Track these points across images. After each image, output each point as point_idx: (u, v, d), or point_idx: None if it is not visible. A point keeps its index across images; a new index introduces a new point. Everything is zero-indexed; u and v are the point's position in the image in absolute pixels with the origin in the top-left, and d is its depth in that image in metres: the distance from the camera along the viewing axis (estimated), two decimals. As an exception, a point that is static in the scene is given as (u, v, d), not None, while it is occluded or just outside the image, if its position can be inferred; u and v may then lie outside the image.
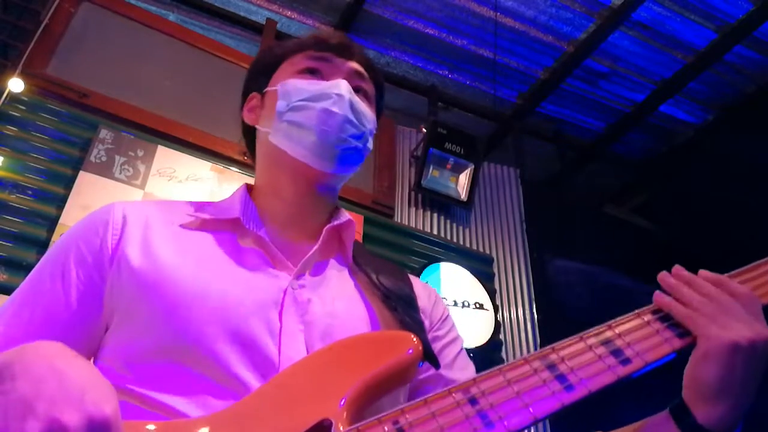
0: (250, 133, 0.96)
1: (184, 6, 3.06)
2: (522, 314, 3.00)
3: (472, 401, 0.59)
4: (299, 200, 0.87)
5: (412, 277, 0.92)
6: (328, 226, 0.85)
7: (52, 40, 2.32)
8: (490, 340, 2.67)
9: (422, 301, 0.88)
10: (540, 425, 2.69)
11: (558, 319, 3.03)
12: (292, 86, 0.87)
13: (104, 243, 0.76)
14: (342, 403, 0.61)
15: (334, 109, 0.83)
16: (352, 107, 0.85)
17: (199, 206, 0.86)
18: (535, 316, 3.02)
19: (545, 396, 0.59)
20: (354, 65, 0.91)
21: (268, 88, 0.91)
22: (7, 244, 1.90)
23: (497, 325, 2.75)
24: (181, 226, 0.81)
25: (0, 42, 2.44)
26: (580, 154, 4.00)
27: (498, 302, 2.89)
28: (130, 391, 0.67)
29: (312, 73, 0.88)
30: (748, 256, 0.76)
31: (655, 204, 4.19)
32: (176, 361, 0.67)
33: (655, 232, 4.20)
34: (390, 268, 0.89)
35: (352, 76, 0.89)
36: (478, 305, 2.73)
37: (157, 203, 0.86)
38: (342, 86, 0.86)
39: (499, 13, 3.12)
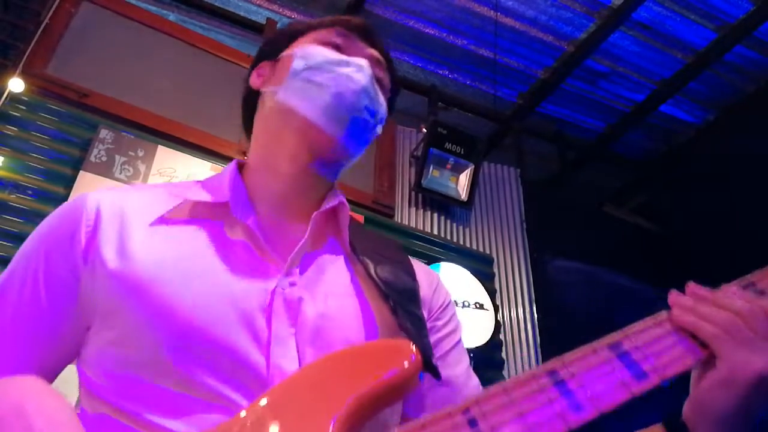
0: (250, 101, 0.90)
1: (184, 6, 3.06)
2: (522, 314, 3.00)
3: (472, 422, 0.55)
4: (296, 175, 0.80)
5: (414, 262, 0.87)
6: (315, 212, 0.78)
7: (52, 40, 2.32)
8: (490, 340, 2.67)
9: (423, 290, 0.82)
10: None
11: (558, 319, 3.04)
12: (312, 50, 0.83)
13: (76, 239, 0.70)
14: (335, 421, 0.58)
15: (356, 76, 0.81)
16: (372, 83, 0.82)
17: (184, 188, 0.79)
18: (535, 316, 3.02)
19: (550, 418, 0.55)
20: (375, 53, 0.88)
21: (284, 54, 0.86)
22: (7, 244, 1.90)
23: (497, 325, 2.75)
24: (162, 218, 0.73)
25: (0, 42, 2.44)
26: (580, 154, 3.99)
27: (498, 302, 2.89)
28: (115, 407, 0.63)
29: (335, 47, 0.85)
30: (749, 256, 0.75)
31: (655, 204, 4.19)
32: (156, 380, 0.62)
33: (655, 232, 4.20)
34: (390, 254, 0.83)
35: (372, 63, 0.86)
36: (478, 305, 2.73)
37: (136, 189, 0.80)
38: (364, 64, 0.83)
39: (499, 13, 3.12)
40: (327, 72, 0.80)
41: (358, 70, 0.81)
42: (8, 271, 0.72)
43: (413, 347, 0.63)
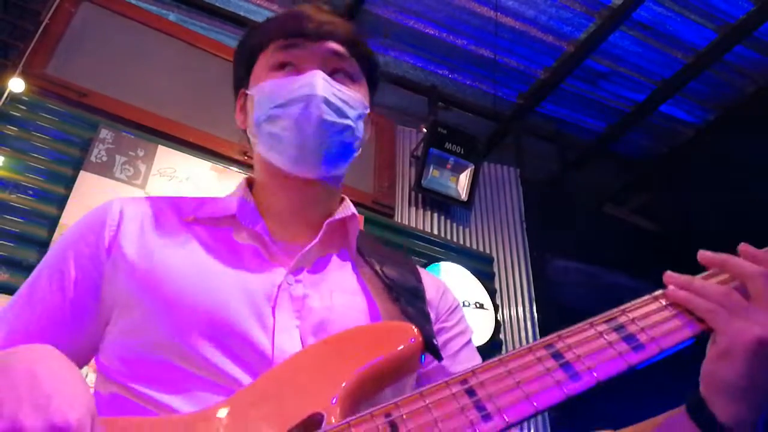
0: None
1: (184, 6, 3.06)
2: (522, 314, 3.00)
3: (470, 392, 0.56)
4: (296, 196, 0.85)
5: (421, 270, 0.89)
6: (328, 220, 0.82)
7: (52, 40, 2.32)
8: (490, 339, 2.68)
9: (430, 292, 0.85)
10: (541, 426, 2.69)
11: (558, 318, 3.04)
12: (264, 92, 0.83)
13: (101, 238, 0.76)
14: (335, 396, 0.59)
15: (309, 111, 0.79)
16: (329, 103, 0.80)
17: (200, 203, 0.85)
18: (536, 316, 3.02)
19: (548, 386, 0.55)
20: (329, 46, 0.83)
21: (248, 91, 0.87)
22: (8, 244, 1.90)
23: (497, 325, 2.75)
24: (179, 221, 0.80)
25: (0, 42, 2.44)
26: (580, 154, 3.99)
27: (498, 302, 2.89)
28: (125, 387, 0.68)
29: (284, 66, 0.83)
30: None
31: (655, 204, 4.19)
32: (167, 359, 0.68)
33: (655, 232, 4.20)
34: (397, 259, 0.86)
35: (328, 60, 0.83)
36: (478, 305, 2.73)
37: (158, 199, 0.85)
38: (314, 83, 0.80)
39: (499, 13, 3.12)
40: (282, 119, 0.81)
41: (308, 102, 0.79)
42: (36, 273, 0.78)
43: (415, 329, 0.65)
